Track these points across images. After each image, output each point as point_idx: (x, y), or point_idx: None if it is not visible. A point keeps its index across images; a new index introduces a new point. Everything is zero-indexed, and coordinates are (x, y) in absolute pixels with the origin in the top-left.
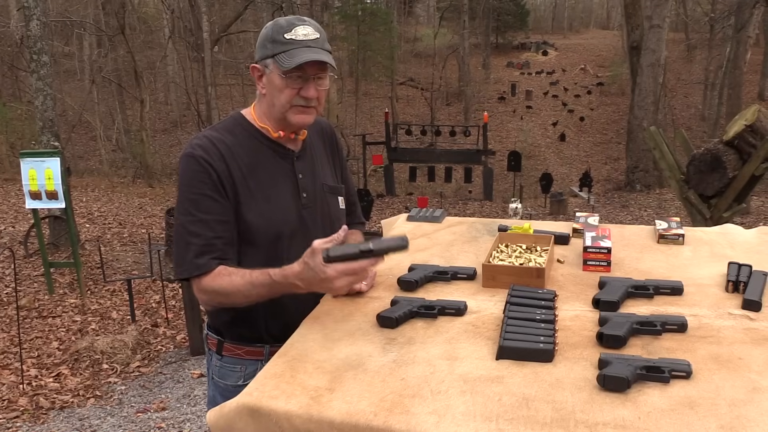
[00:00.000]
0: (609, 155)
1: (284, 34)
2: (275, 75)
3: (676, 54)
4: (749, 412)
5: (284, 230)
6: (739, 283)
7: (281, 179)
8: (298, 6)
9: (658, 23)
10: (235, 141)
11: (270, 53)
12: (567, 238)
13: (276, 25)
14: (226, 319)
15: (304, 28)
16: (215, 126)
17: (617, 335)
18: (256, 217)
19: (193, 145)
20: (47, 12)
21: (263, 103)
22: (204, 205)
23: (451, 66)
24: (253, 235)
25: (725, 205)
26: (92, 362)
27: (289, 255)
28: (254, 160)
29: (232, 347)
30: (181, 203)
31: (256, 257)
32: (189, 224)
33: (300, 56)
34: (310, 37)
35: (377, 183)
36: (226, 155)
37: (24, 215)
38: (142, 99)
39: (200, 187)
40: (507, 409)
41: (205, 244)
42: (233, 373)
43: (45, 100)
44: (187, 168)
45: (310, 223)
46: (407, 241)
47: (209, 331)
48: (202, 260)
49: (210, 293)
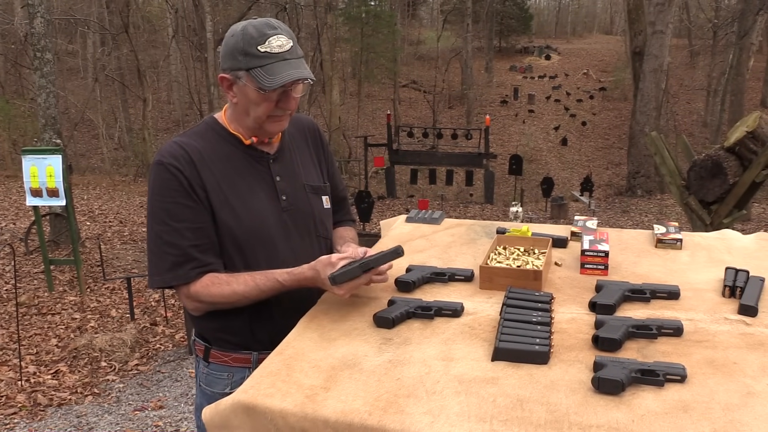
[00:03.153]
0: (610, 160)
1: (257, 46)
2: (250, 89)
3: (678, 60)
4: (743, 417)
5: (263, 235)
6: (735, 288)
7: (257, 184)
8: (302, 7)
9: (661, 29)
10: (207, 146)
11: (243, 66)
12: (565, 241)
13: (246, 35)
14: (213, 326)
15: (278, 38)
16: (187, 131)
17: (613, 338)
18: (233, 222)
19: (163, 152)
20: (51, 9)
21: (235, 110)
22: (176, 214)
23: (454, 69)
24: (232, 241)
25: (726, 212)
26: (91, 360)
27: (269, 260)
28: (228, 165)
29: (219, 354)
30: (154, 212)
31: (236, 262)
32: (163, 233)
33: (281, 74)
34: (285, 48)
35: (378, 185)
36: (197, 161)
37: (25, 212)
38: (145, 98)
39: (172, 195)
40: (501, 411)
41: (180, 254)
42: (220, 381)
43: (48, 98)
44: (157, 176)
45: (291, 225)
46: (402, 249)
47: (196, 338)
48: (181, 271)
49: (205, 302)
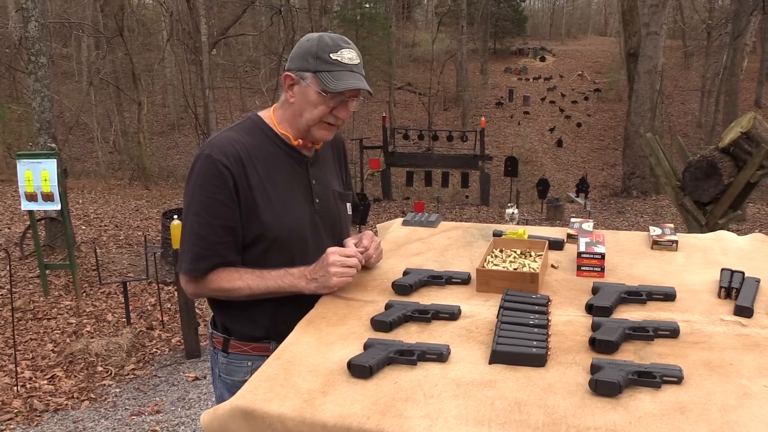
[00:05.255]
0: (606, 161)
1: (330, 54)
2: (312, 90)
3: (673, 61)
4: (740, 418)
5: (298, 234)
6: (731, 289)
7: (297, 185)
8: (297, 10)
9: (656, 30)
10: (254, 143)
11: (312, 68)
12: (561, 244)
13: (322, 42)
14: (236, 318)
15: (350, 52)
16: (233, 126)
17: (610, 340)
18: (272, 220)
19: (213, 145)
20: (46, 13)
21: (288, 110)
22: (214, 210)
23: (449, 71)
24: (269, 238)
25: (721, 212)
26: (87, 364)
27: (302, 258)
28: (272, 164)
29: (239, 344)
30: (192, 202)
31: (270, 259)
32: (197, 225)
33: (346, 81)
34: (354, 62)
35: (374, 187)
36: (245, 158)
37: (20, 217)
38: (140, 101)
39: (213, 191)
40: (499, 414)
41: (207, 248)
42: (241, 369)
43: (42, 102)
44: (204, 169)
45: (321, 227)
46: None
47: (214, 330)
48: (203, 264)
49: (206, 292)
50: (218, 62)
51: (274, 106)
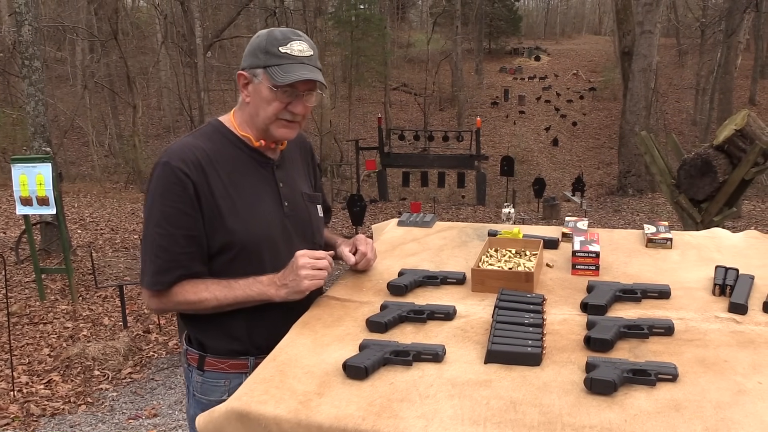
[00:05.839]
0: (601, 160)
1: (279, 47)
2: (264, 86)
3: (667, 59)
4: (734, 415)
5: (268, 240)
6: (725, 286)
7: (263, 188)
8: (291, 12)
9: (650, 29)
10: (214, 148)
11: (262, 64)
12: (556, 243)
13: (270, 36)
14: (210, 333)
15: (300, 43)
16: (193, 132)
17: (604, 339)
18: (239, 226)
19: (171, 153)
20: (39, 17)
21: (245, 111)
22: (175, 219)
23: (444, 71)
24: (236, 245)
25: (716, 209)
26: (84, 369)
27: (274, 265)
28: (235, 168)
29: (215, 361)
30: (152, 213)
31: (240, 268)
32: (158, 236)
33: (295, 73)
34: (305, 54)
35: (370, 188)
36: (205, 164)
37: (15, 221)
38: (135, 104)
39: (173, 200)
40: (495, 413)
41: (170, 259)
42: (217, 389)
43: (37, 106)
44: (162, 177)
45: (292, 232)
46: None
47: (189, 347)
48: (166, 277)
49: (171, 305)
50: (213, 65)
51: (234, 109)
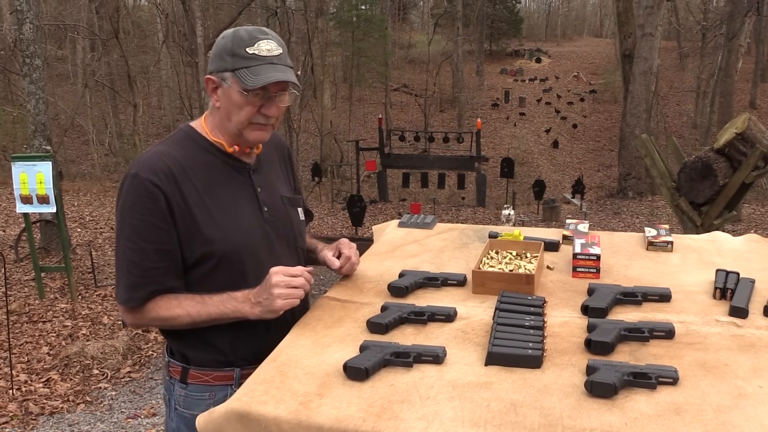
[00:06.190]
0: (601, 162)
1: (246, 48)
2: (234, 90)
3: (668, 62)
4: (735, 418)
5: (249, 248)
6: (726, 290)
7: (240, 195)
8: (292, 12)
9: (651, 32)
10: (187, 155)
11: (229, 67)
12: (557, 245)
13: (236, 37)
14: (193, 344)
15: (268, 42)
16: (164, 140)
17: (605, 342)
18: (217, 235)
19: (141, 164)
20: (40, 15)
21: (216, 116)
22: (146, 233)
23: (445, 72)
24: (215, 255)
25: (716, 213)
26: (82, 367)
27: (256, 274)
28: (209, 176)
29: (199, 374)
30: (123, 227)
31: (220, 278)
32: (129, 251)
33: (265, 75)
34: (273, 53)
35: (370, 189)
36: (177, 173)
37: (15, 219)
38: (135, 103)
39: (144, 213)
40: (495, 415)
41: (142, 275)
42: (201, 402)
43: (37, 104)
44: (132, 190)
45: (273, 238)
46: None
47: (171, 359)
48: (139, 293)
49: (146, 321)
50: None
51: (205, 114)
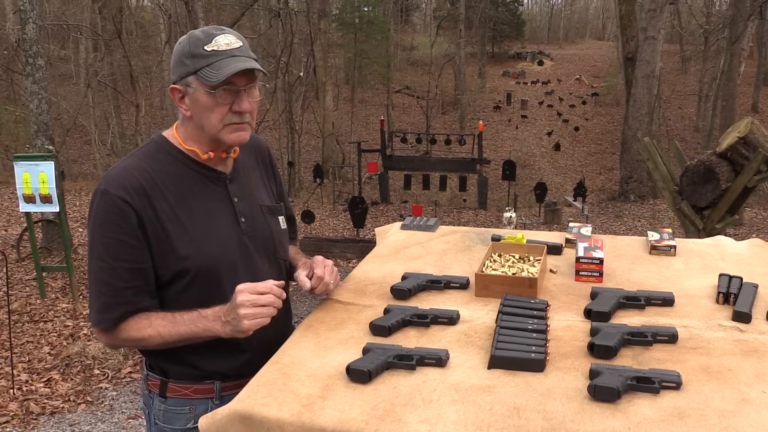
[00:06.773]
0: (603, 165)
1: (204, 47)
2: (201, 93)
3: (670, 65)
4: (738, 423)
5: (225, 261)
6: (729, 294)
7: (216, 206)
8: (295, 13)
9: (653, 35)
10: (159, 168)
11: (191, 69)
12: (560, 249)
13: (192, 38)
14: (172, 357)
15: (225, 37)
16: (134, 153)
17: (608, 346)
18: (192, 250)
19: (109, 179)
20: (43, 15)
21: (189, 125)
22: (116, 252)
23: (447, 75)
24: (190, 271)
25: (718, 217)
26: (84, 367)
27: (233, 288)
28: (183, 188)
29: (178, 387)
30: (93, 244)
31: (197, 294)
32: (99, 270)
33: (227, 67)
34: (233, 46)
35: (372, 190)
36: (149, 187)
37: (17, 219)
38: (138, 104)
39: (114, 231)
40: (498, 419)
41: (113, 295)
42: (181, 416)
43: (40, 104)
44: (101, 207)
45: (252, 249)
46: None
47: (150, 372)
48: (110, 314)
49: (119, 342)
50: None
51: (176, 123)
